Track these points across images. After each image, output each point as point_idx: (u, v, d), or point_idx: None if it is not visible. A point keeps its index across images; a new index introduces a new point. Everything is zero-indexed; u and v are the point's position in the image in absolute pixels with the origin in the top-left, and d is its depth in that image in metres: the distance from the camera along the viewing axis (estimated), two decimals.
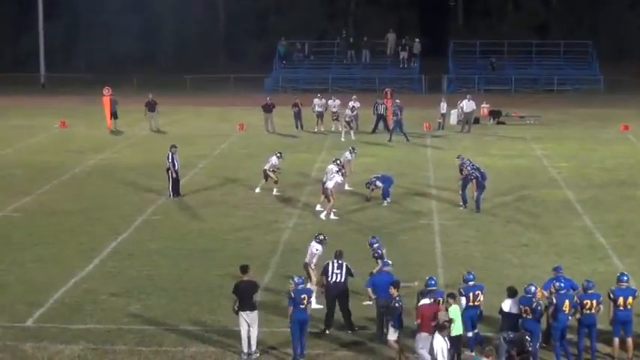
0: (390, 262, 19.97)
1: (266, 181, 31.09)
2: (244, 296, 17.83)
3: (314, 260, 20.44)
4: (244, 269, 18.32)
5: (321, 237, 20.75)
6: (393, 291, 17.72)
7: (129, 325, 19.39)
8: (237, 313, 17.88)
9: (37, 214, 28.85)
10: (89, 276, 22.70)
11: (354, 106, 43.76)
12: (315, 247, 20.48)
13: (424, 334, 16.89)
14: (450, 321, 16.98)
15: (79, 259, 23.92)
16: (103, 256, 24.29)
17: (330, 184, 28.02)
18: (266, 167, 31.11)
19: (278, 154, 31.50)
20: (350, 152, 32.17)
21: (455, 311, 17.23)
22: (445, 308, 17.23)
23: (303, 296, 17.73)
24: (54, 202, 30.41)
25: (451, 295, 17.46)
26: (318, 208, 28.62)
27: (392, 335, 17.47)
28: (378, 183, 29.75)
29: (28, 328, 19.34)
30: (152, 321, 19.63)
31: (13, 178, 34.58)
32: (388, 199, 29.61)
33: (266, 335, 18.52)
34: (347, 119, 42.81)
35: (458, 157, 30.10)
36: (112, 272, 22.98)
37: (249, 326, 17.76)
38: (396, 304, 17.43)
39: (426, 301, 17.26)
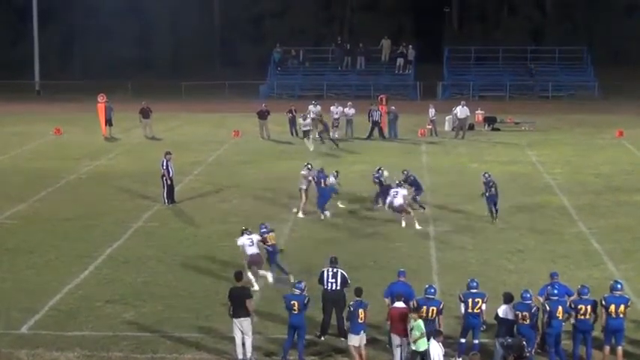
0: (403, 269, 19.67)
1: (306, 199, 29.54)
2: (236, 303, 17.87)
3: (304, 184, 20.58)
4: (237, 276, 18.40)
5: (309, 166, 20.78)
6: None
7: (124, 332, 19.37)
8: (232, 318, 17.92)
9: (32, 221, 28.82)
10: (84, 283, 22.68)
11: (348, 113, 43.86)
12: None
13: (394, 336, 17.19)
14: (421, 335, 16.67)
15: (74, 266, 23.90)
16: (98, 263, 24.27)
17: (303, 186, 28.98)
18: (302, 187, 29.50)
19: (309, 166, 29.82)
20: (334, 177, 29.88)
21: (419, 326, 16.68)
22: (409, 322, 16.86)
23: (292, 302, 17.86)
24: (49, 209, 30.38)
25: (415, 310, 17.17)
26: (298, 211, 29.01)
27: (351, 340, 17.50)
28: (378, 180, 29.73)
29: (23, 335, 19.31)
30: (147, 328, 19.61)
31: (8, 184, 34.52)
32: (379, 205, 29.54)
33: (261, 342, 18.53)
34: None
35: (484, 175, 28.83)
36: (107, 279, 22.96)
37: (242, 333, 17.78)
38: (351, 309, 17.49)
39: (398, 304, 17.30)
